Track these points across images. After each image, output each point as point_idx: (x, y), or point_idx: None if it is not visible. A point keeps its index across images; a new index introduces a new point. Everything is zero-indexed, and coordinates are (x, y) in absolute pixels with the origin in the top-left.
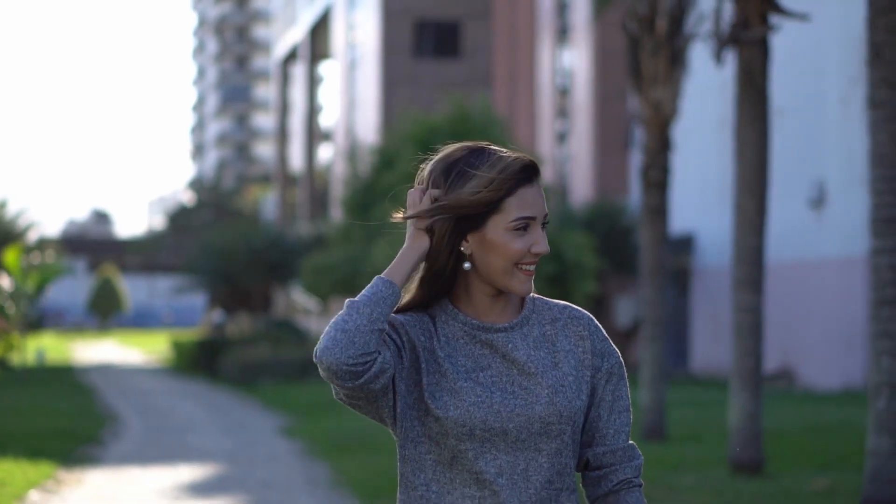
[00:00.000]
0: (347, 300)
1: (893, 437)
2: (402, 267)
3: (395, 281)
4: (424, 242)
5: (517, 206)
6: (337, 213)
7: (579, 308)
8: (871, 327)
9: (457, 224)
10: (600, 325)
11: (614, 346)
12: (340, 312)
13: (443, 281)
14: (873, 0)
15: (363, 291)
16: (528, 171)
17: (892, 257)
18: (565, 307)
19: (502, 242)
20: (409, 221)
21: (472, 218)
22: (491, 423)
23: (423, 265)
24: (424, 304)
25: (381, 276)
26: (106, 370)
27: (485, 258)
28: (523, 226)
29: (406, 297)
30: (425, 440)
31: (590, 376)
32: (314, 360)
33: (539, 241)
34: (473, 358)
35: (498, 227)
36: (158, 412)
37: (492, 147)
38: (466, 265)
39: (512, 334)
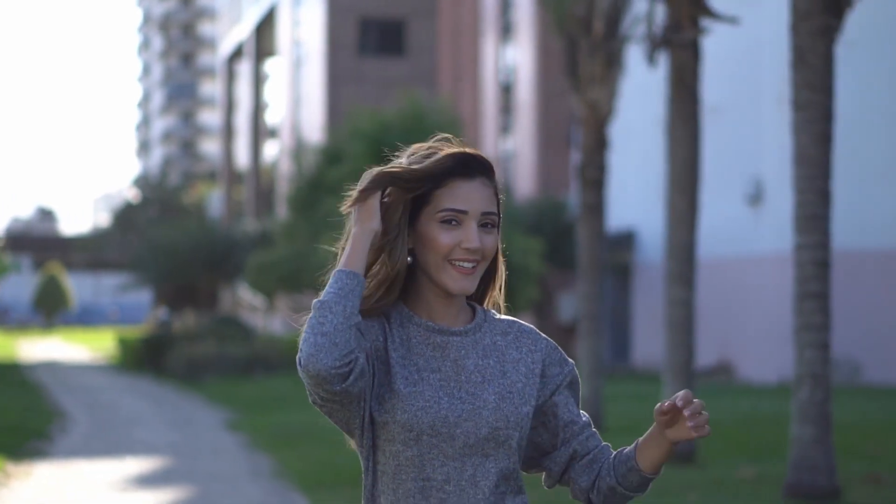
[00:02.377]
0: (315, 301)
1: (815, 426)
2: (358, 253)
3: (356, 270)
4: (374, 221)
5: (446, 197)
6: (282, 211)
7: (527, 324)
8: (795, 320)
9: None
10: (557, 349)
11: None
12: (311, 315)
13: (399, 281)
14: (797, 5)
15: (327, 289)
16: (467, 166)
17: (814, 253)
18: (513, 322)
19: (431, 235)
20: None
21: (413, 209)
22: (438, 427)
23: (383, 268)
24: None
25: (341, 268)
26: (52, 367)
27: (420, 252)
28: (451, 218)
29: (371, 302)
30: (374, 450)
31: (539, 385)
32: (298, 367)
33: (470, 237)
34: (425, 358)
35: (428, 219)
36: (105, 408)
37: (453, 141)
38: (408, 259)
39: (465, 339)
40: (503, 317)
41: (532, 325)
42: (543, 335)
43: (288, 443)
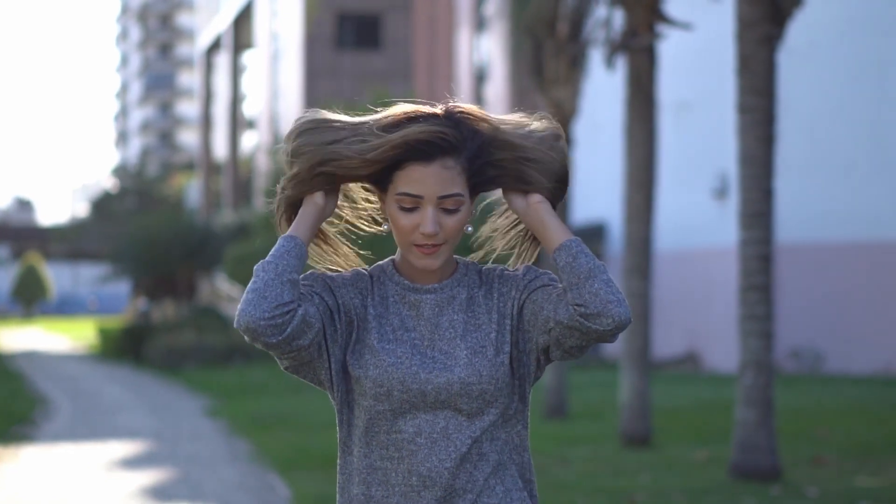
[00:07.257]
0: (255, 266)
1: (758, 410)
2: (301, 222)
3: (296, 235)
4: (317, 199)
5: (402, 180)
6: (260, 202)
7: (516, 268)
8: (740, 311)
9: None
10: (534, 268)
11: (545, 271)
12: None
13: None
14: (741, 15)
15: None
16: (422, 149)
17: (757, 248)
18: (495, 269)
19: (393, 215)
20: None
21: (379, 177)
22: (409, 384)
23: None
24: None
25: (282, 234)
26: (33, 357)
27: (391, 224)
28: (408, 203)
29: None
30: (351, 403)
31: (512, 325)
32: (236, 327)
33: (426, 223)
34: (400, 317)
35: (391, 199)
36: (87, 395)
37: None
38: (385, 227)
39: (440, 295)
40: (489, 266)
41: (523, 266)
42: (524, 269)
43: (265, 428)
